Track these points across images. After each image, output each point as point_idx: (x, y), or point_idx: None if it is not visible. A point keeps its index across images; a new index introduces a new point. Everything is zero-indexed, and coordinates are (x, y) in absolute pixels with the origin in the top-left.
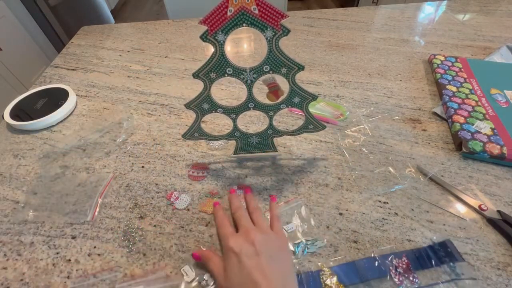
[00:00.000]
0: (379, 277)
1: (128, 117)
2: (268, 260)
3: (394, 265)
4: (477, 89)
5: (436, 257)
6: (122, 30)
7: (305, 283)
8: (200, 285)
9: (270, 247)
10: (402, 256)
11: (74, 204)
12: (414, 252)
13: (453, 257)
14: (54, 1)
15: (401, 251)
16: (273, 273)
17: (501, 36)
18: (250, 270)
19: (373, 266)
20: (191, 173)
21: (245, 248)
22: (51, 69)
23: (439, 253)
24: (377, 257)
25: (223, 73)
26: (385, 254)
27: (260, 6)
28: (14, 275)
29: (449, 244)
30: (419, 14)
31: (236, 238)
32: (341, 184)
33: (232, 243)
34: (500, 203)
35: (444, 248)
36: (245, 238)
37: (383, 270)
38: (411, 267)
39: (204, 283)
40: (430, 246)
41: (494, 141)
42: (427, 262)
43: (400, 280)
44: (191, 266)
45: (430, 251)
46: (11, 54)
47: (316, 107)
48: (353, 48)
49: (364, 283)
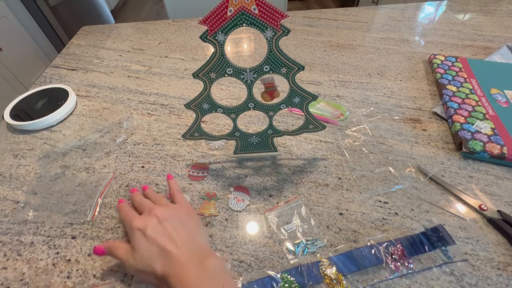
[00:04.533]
0: (376, 264)
1: (128, 117)
2: (174, 226)
3: (390, 253)
4: (477, 89)
5: (429, 242)
6: (122, 30)
7: (305, 275)
8: None
9: (174, 215)
10: (397, 243)
11: (74, 204)
12: (408, 239)
13: (445, 241)
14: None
15: (396, 239)
16: (180, 236)
17: (501, 36)
18: (156, 239)
19: (370, 254)
20: (191, 173)
21: (149, 222)
22: (51, 69)
23: (432, 238)
24: (373, 245)
25: (223, 73)
26: (380, 242)
27: (260, 6)
28: (14, 275)
29: (441, 228)
30: (419, 14)
31: (139, 217)
32: (341, 184)
33: (136, 222)
34: (500, 203)
35: (436, 233)
36: (148, 215)
37: (380, 258)
38: (406, 254)
39: None
40: (423, 232)
41: (494, 141)
42: (421, 248)
43: (396, 266)
44: None
45: (423, 237)
46: (11, 54)
47: (316, 107)
48: (353, 48)
49: (362, 271)
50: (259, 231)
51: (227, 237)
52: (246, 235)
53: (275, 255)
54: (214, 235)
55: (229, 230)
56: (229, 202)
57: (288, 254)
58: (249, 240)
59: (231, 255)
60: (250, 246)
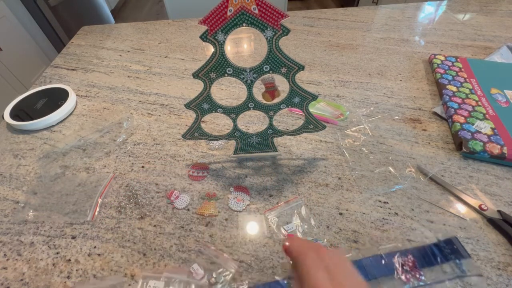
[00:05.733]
0: (386, 275)
1: (128, 117)
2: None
3: (400, 263)
4: (477, 89)
5: (442, 254)
6: (122, 30)
7: None
8: (210, 283)
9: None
10: (407, 254)
11: (74, 204)
12: (419, 250)
13: (459, 254)
14: (54, 1)
15: (406, 249)
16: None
17: (501, 36)
18: None
19: (380, 264)
20: (191, 173)
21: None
22: (51, 69)
23: (445, 250)
24: (383, 255)
25: (223, 73)
26: (391, 252)
27: (260, 6)
28: (14, 275)
29: (455, 241)
30: (419, 14)
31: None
32: (341, 184)
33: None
34: (501, 203)
35: (450, 246)
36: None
37: (390, 268)
38: (417, 265)
39: (213, 281)
40: (435, 243)
41: (495, 141)
42: (433, 260)
43: (406, 278)
44: (200, 265)
45: (435, 249)
46: (11, 54)
47: (316, 107)
48: (353, 48)
49: (371, 281)
50: (259, 231)
51: (227, 237)
52: (246, 235)
53: (275, 255)
54: (214, 235)
55: (229, 230)
56: (229, 202)
57: None
58: (249, 240)
59: (231, 255)
60: (250, 246)
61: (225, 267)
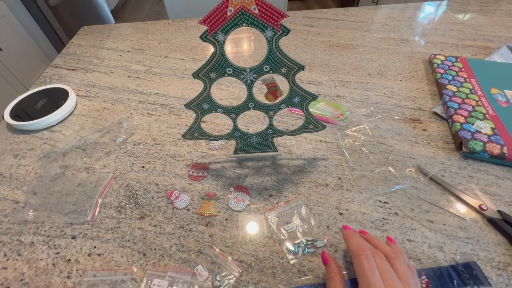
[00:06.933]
0: None
1: (128, 117)
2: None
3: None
4: (477, 89)
5: (459, 278)
6: (122, 30)
7: None
8: (213, 286)
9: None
10: (421, 274)
11: (74, 204)
12: (434, 270)
13: (478, 280)
14: (54, 1)
15: (420, 269)
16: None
17: (501, 36)
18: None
19: None
20: (191, 173)
21: None
22: (51, 69)
23: (463, 274)
24: None
25: (223, 73)
26: None
27: (260, 6)
28: (14, 275)
29: (475, 266)
30: (419, 14)
31: None
32: (341, 184)
33: None
34: (501, 203)
35: (468, 270)
36: None
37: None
38: (431, 287)
39: (216, 283)
40: (453, 266)
41: (495, 141)
42: (449, 283)
43: None
44: (204, 266)
45: (452, 271)
46: (11, 54)
47: (316, 107)
48: (353, 48)
49: None
50: (259, 231)
51: (227, 237)
52: (246, 235)
53: (275, 255)
54: (214, 235)
55: (229, 230)
56: (229, 202)
57: (288, 254)
58: (249, 240)
59: (231, 255)
60: (250, 246)
61: (229, 271)
